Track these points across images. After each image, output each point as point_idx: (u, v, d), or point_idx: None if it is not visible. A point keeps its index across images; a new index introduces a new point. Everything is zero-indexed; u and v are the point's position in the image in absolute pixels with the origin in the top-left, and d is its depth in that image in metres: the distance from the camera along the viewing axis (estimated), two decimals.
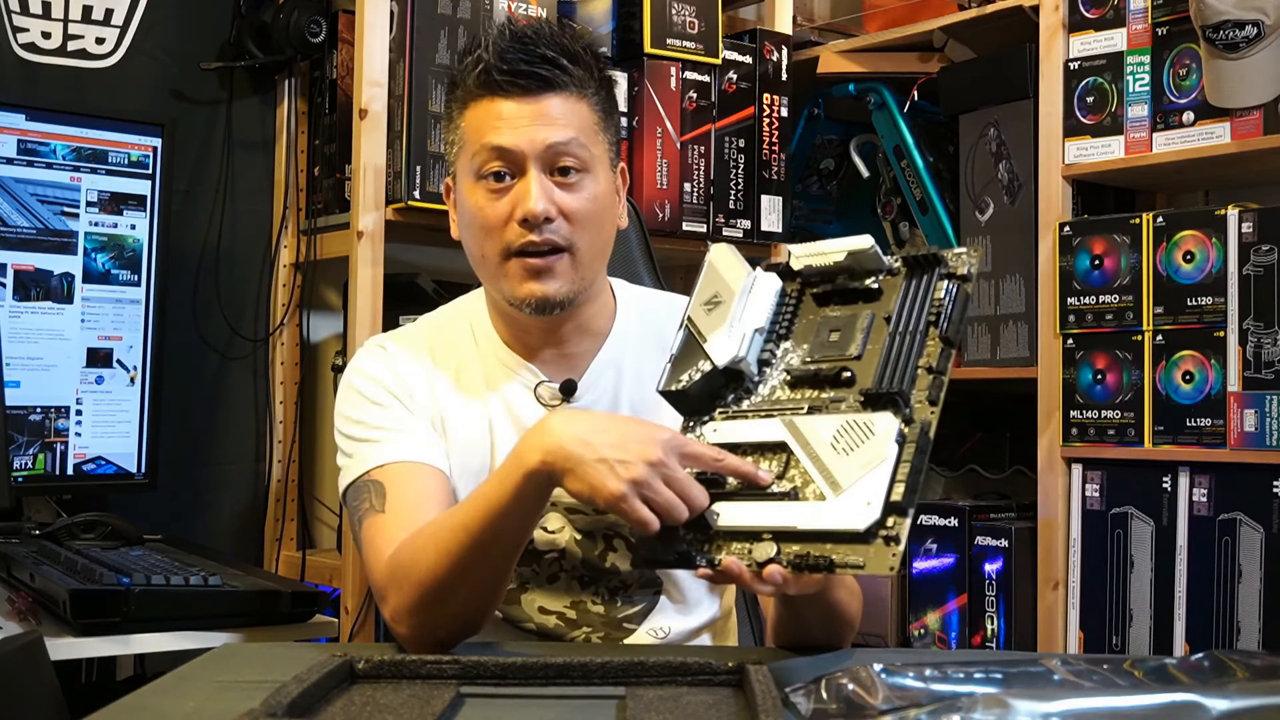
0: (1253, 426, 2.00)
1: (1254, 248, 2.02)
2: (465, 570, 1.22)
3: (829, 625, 1.28)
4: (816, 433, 1.08)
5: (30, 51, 2.27)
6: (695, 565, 1.10)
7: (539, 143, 1.35)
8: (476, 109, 1.38)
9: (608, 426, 1.17)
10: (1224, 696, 0.90)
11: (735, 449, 1.13)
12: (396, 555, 1.28)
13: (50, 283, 2.11)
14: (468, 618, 1.27)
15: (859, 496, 1.02)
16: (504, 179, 1.36)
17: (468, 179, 1.39)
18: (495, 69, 1.35)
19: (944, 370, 1.07)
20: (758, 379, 1.17)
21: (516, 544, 1.25)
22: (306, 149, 2.49)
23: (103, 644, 1.57)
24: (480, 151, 1.37)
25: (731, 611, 1.53)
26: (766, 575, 1.06)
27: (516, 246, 1.36)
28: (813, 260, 1.19)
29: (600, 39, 2.41)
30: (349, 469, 1.39)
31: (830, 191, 2.90)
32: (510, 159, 1.36)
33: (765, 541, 1.07)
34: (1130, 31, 2.19)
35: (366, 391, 1.41)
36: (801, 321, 1.18)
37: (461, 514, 1.24)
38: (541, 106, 1.36)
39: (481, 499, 1.22)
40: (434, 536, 1.25)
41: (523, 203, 1.34)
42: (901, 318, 1.11)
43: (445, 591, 1.23)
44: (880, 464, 1.02)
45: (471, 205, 1.38)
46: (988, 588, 2.32)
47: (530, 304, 1.37)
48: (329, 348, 2.53)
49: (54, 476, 2.11)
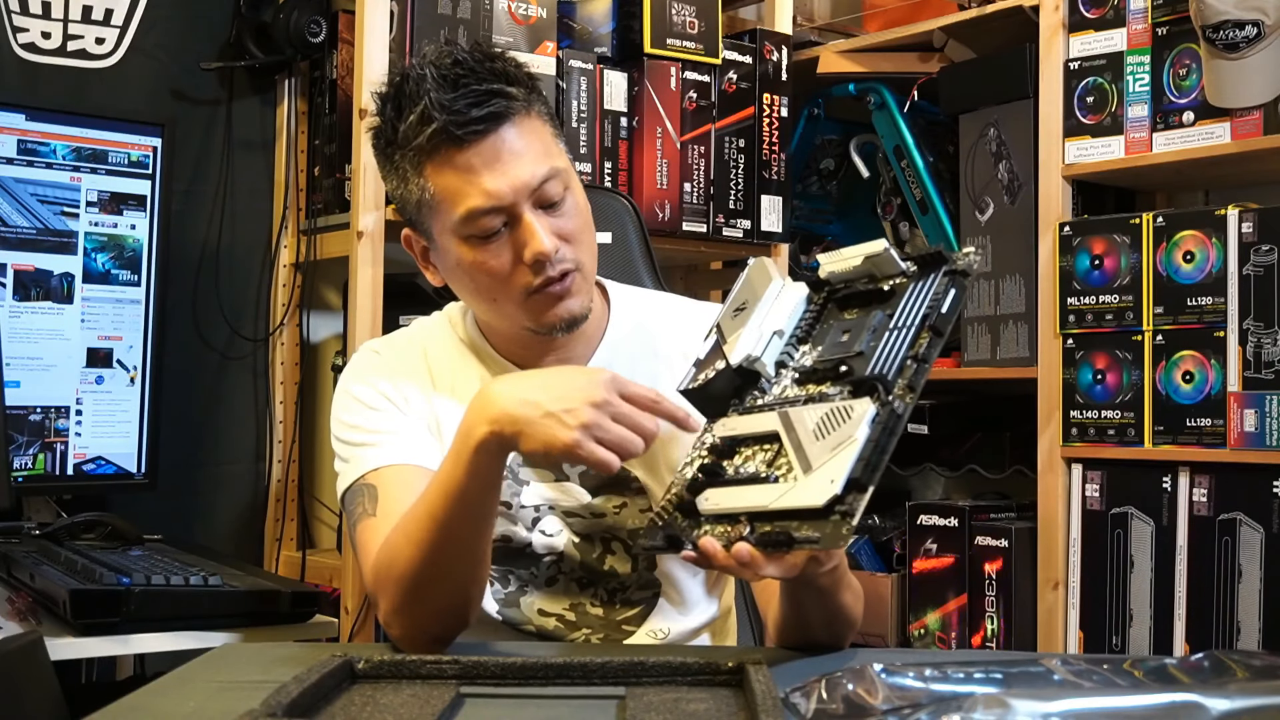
0: (1253, 426, 2.00)
1: (1254, 248, 2.02)
2: (438, 558, 1.22)
3: (833, 627, 1.28)
4: (803, 421, 1.10)
5: (30, 51, 2.27)
6: (682, 548, 1.13)
7: (522, 188, 1.32)
8: (440, 167, 1.32)
9: (546, 381, 1.20)
10: (1224, 696, 0.90)
11: (736, 441, 1.16)
12: (378, 557, 1.28)
13: (50, 283, 2.11)
14: (453, 609, 1.26)
15: (824, 475, 1.04)
16: (501, 232, 1.33)
17: (452, 239, 1.35)
18: (451, 124, 1.30)
19: (927, 359, 1.09)
20: (774, 379, 1.19)
21: (483, 521, 1.25)
22: (306, 149, 2.49)
23: (103, 644, 1.57)
24: (466, 218, 1.32)
25: (731, 611, 1.53)
26: (734, 553, 1.07)
27: (535, 285, 1.34)
28: (835, 267, 1.22)
29: (600, 39, 2.41)
30: (345, 474, 1.39)
31: (830, 191, 2.90)
32: (500, 212, 1.32)
33: (741, 523, 1.09)
34: (1130, 31, 2.19)
35: (361, 396, 1.41)
36: (822, 325, 1.21)
37: (424, 503, 1.24)
38: (505, 142, 1.32)
39: (440, 484, 1.23)
40: (404, 531, 1.25)
41: (530, 246, 1.32)
42: (901, 313, 1.13)
43: (424, 584, 1.23)
44: (849, 444, 1.04)
45: (469, 263, 1.35)
46: (988, 588, 2.32)
47: (560, 327, 1.37)
48: (329, 348, 2.53)
49: (54, 476, 2.11)
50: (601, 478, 1.41)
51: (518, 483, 1.42)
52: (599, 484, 1.42)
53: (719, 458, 1.16)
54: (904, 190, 2.59)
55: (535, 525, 1.42)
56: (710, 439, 1.19)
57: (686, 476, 1.17)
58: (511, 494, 1.41)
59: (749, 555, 1.06)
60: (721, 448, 1.17)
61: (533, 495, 1.42)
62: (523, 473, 1.42)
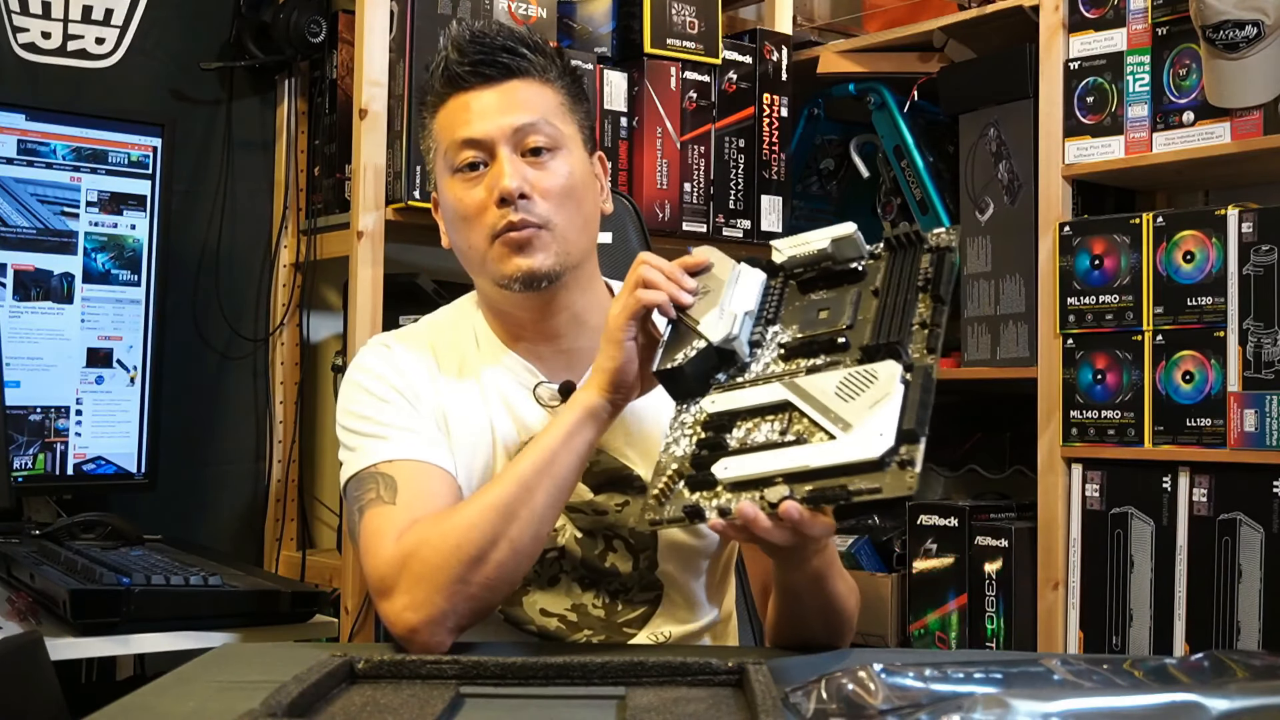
0: (1253, 426, 2.00)
1: (1254, 248, 2.02)
2: (512, 521, 1.25)
3: (828, 620, 1.29)
4: (819, 386, 1.11)
5: (30, 51, 2.27)
6: (705, 518, 1.11)
7: (506, 127, 1.38)
8: (445, 109, 1.42)
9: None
10: (1224, 696, 0.90)
11: (735, 415, 1.16)
12: (405, 541, 1.26)
13: (50, 283, 2.11)
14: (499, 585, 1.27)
15: (870, 429, 1.05)
16: (478, 168, 1.39)
17: (445, 177, 1.43)
18: (456, 64, 1.39)
19: (939, 324, 1.11)
20: (749, 359, 1.20)
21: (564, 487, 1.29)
22: (306, 149, 2.49)
23: (103, 644, 1.57)
24: (452, 147, 1.40)
25: (732, 615, 1.53)
26: (783, 511, 1.07)
27: (499, 228, 1.37)
28: (796, 251, 1.24)
29: (600, 39, 2.41)
30: (352, 461, 1.38)
31: (830, 191, 2.90)
32: (481, 147, 1.39)
33: (777, 485, 1.08)
34: (1130, 31, 2.19)
35: (372, 388, 1.41)
36: (789, 307, 1.23)
37: (512, 469, 1.28)
38: (506, 93, 1.40)
39: (535, 449, 1.28)
40: (476, 503, 1.27)
41: (497, 183, 1.37)
42: (889, 287, 1.15)
43: (486, 551, 1.24)
44: (888, 400, 1.06)
45: (451, 199, 1.41)
46: (988, 588, 2.32)
47: (518, 279, 1.38)
48: (329, 348, 2.53)
49: (54, 476, 2.12)
50: (604, 475, 1.41)
51: None
52: (601, 481, 1.42)
53: (717, 431, 1.16)
54: (904, 190, 2.59)
55: None
56: (695, 416, 1.19)
57: (682, 453, 1.16)
58: None
59: (799, 514, 1.07)
60: (716, 422, 1.17)
61: None
62: None
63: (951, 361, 2.43)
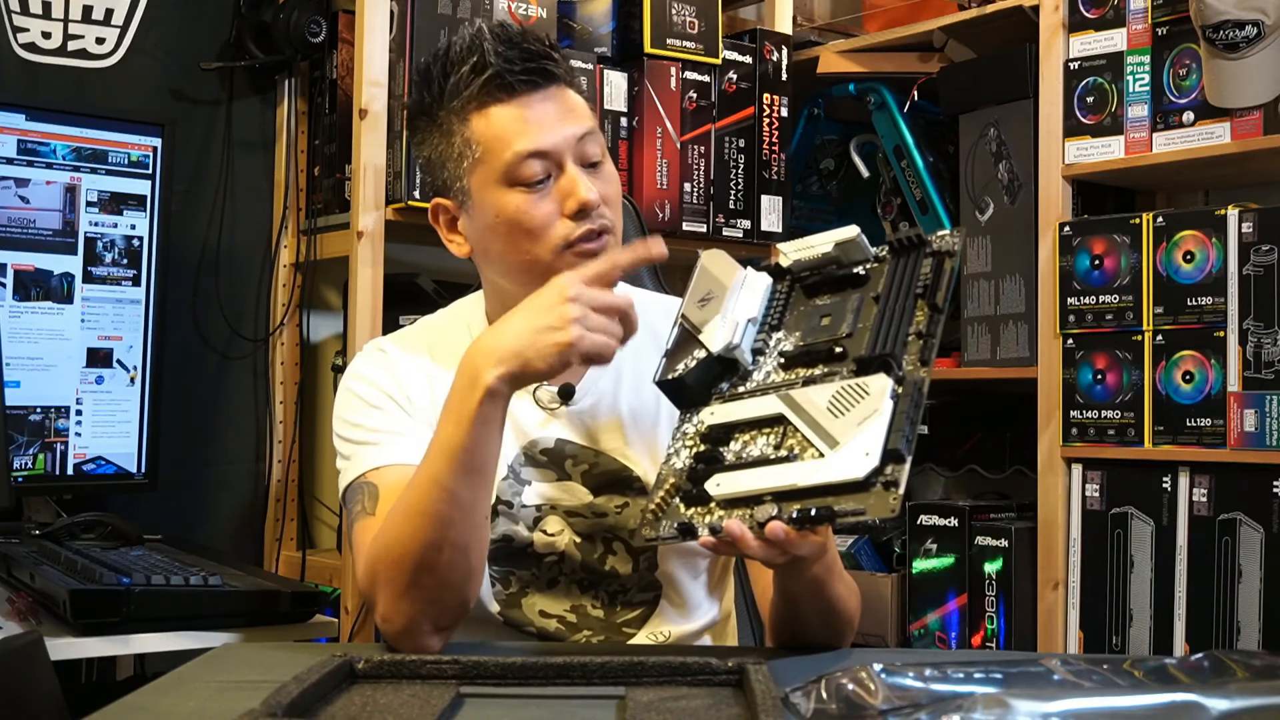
0: (1253, 426, 2.00)
1: (1254, 248, 2.02)
2: (445, 529, 1.22)
3: (828, 622, 1.28)
4: (812, 401, 1.11)
5: (30, 51, 2.27)
6: (697, 535, 1.11)
7: (571, 138, 1.36)
8: (489, 116, 1.36)
9: (519, 312, 1.23)
10: (1224, 696, 0.90)
11: (732, 427, 1.16)
12: (373, 548, 1.27)
13: (50, 283, 2.11)
14: (456, 586, 1.25)
15: (857, 449, 1.04)
16: (546, 182, 1.35)
17: (497, 189, 1.36)
18: (506, 71, 1.34)
19: (934, 334, 1.10)
20: (752, 367, 1.19)
21: (487, 479, 1.25)
22: (306, 149, 2.49)
23: (103, 644, 1.57)
24: (514, 160, 1.34)
25: (731, 615, 1.53)
26: (769, 532, 1.06)
27: (575, 237, 1.35)
28: (801, 254, 1.23)
29: (600, 39, 2.41)
30: (346, 471, 1.39)
31: (830, 191, 2.90)
32: (548, 159, 1.35)
33: (766, 504, 1.08)
34: (1130, 31, 2.19)
35: (364, 395, 1.41)
36: (793, 312, 1.22)
37: (424, 471, 1.24)
38: (559, 100, 1.37)
39: (441, 447, 1.23)
40: (403, 509, 1.24)
41: (574, 195, 1.34)
42: (889, 293, 1.15)
43: (428, 562, 1.22)
44: (875, 417, 1.05)
45: (512, 212, 1.36)
46: (988, 588, 2.32)
47: None
48: (329, 348, 2.53)
49: (54, 476, 2.12)
50: (604, 477, 1.41)
51: (519, 482, 1.42)
52: (601, 483, 1.42)
53: (714, 444, 1.16)
54: (904, 190, 2.59)
55: (537, 525, 1.42)
56: (695, 427, 1.19)
57: (680, 466, 1.17)
58: (513, 493, 1.41)
59: (784, 534, 1.06)
60: (714, 435, 1.17)
61: (534, 495, 1.42)
62: (524, 472, 1.42)
63: (951, 361, 2.43)
